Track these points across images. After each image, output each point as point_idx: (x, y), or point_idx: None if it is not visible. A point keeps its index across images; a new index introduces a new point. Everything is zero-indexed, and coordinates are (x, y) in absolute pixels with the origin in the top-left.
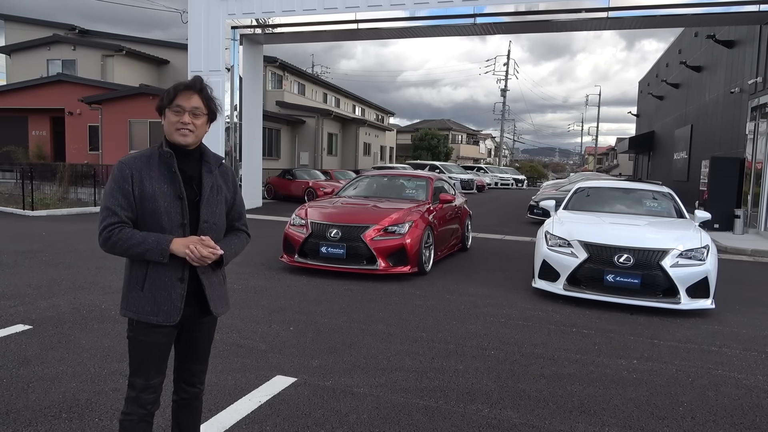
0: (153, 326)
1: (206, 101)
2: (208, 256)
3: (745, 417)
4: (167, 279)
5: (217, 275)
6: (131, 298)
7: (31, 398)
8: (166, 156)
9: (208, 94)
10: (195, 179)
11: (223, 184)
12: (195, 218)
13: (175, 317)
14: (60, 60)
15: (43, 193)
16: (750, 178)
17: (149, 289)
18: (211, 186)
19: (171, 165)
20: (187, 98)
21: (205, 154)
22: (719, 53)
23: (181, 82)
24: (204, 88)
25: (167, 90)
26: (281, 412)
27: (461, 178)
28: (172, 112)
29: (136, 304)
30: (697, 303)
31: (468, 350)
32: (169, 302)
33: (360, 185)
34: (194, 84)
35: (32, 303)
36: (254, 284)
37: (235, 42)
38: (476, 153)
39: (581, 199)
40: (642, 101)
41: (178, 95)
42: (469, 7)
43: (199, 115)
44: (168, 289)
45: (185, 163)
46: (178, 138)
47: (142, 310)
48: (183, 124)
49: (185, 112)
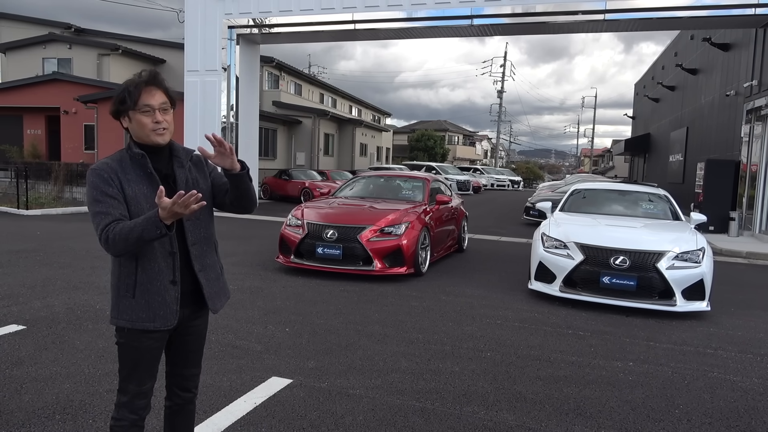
0: (145, 332)
1: (167, 93)
2: (194, 208)
3: (740, 419)
4: (159, 283)
5: (214, 270)
6: (123, 306)
7: (24, 399)
8: (138, 157)
9: (166, 85)
10: (170, 177)
11: (199, 176)
12: None
13: (172, 321)
14: (56, 59)
15: (38, 192)
16: (745, 180)
17: (141, 296)
18: (185, 180)
19: (146, 166)
20: (152, 95)
21: (174, 149)
22: (715, 56)
23: (140, 80)
24: (161, 80)
25: (125, 90)
26: (276, 414)
27: (457, 179)
28: (141, 113)
29: (129, 312)
30: (692, 305)
31: (464, 352)
32: (165, 306)
33: (356, 186)
34: (153, 78)
35: (26, 303)
36: (250, 285)
37: (231, 42)
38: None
39: (577, 201)
40: (638, 103)
41: (142, 94)
42: (466, 9)
43: (168, 109)
44: (161, 294)
45: (157, 162)
46: (157, 139)
47: (137, 318)
48: (157, 123)
49: (155, 110)
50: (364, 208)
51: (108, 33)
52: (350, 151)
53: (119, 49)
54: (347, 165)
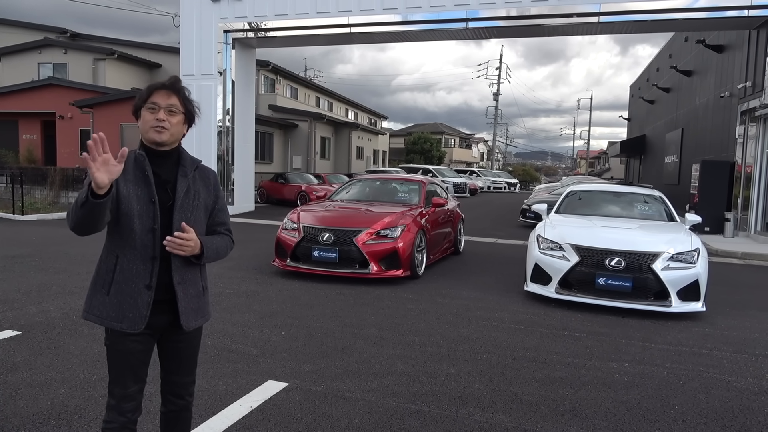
0: (126, 334)
1: (183, 100)
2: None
3: (735, 419)
4: (134, 285)
5: (195, 285)
6: (95, 301)
7: (19, 405)
8: (139, 159)
9: (185, 94)
10: (170, 183)
11: (203, 189)
12: (168, 223)
13: (139, 325)
14: (51, 63)
15: (34, 197)
16: (740, 181)
17: (115, 294)
18: (186, 190)
19: (144, 168)
20: (163, 96)
21: (182, 157)
22: (709, 58)
23: (158, 82)
24: (181, 88)
25: (142, 90)
26: (273, 418)
27: (454, 181)
28: (147, 110)
29: (99, 308)
30: (688, 306)
31: (460, 354)
32: (135, 309)
33: (353, 189)
34: (170, 83)
35: (21, 308)
36: (246, 288)
37: (227, 46)
38: (469, 157)
39: (573, 203)
40: (633, 105)
41: (154, 93)
42: (461, 12)
43: (176, 113)
44: (134, 296)
45: (160, 167)
46: (153, 135)
47: (106, 315)
48: (158, 121)
49: (160, 109)
50: (360, 211)
51: (103, 38)
52: (347, 155)
53: (115, 54)
54: (344, 168)
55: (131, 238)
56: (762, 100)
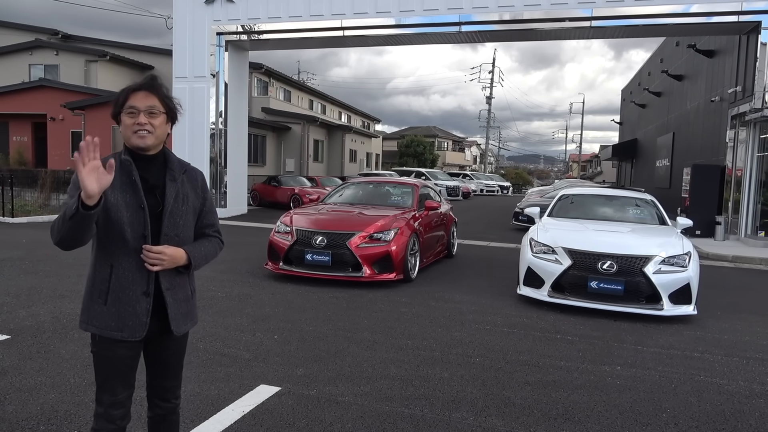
0: (117, 341)
1: (162, 99)
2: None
3: (726, 423)
4: (131, 293)
5: (183, 290)
6: (93, 311)
7: (8, 410)
8: (125, 164)
9: (163, 92)
10: (158, 188)
11: (191, 191)
12: (157, 229)
13: (140, 332)
14: (42, 65)
15: (24, 199)
16: (730, 185)
17: (113, 304)
18: (175, 195)
19: (131, 173)
20: (141, 98)
21: (168, 160)
22: (700, 62)
23: (134, 83)
24: (158, 86)
25: (118, 93)
26: (265, 422)
27: (447, 184)
28: (127, 115)
29: (98, 318)
30: (679, 309)
31: (453, 358)
32: (134, 317)
33: (346, 192)
34: (147, 83)
35: (11, 312)
36: (238, 292)
37: (220, 48)
38: (462, 160)
39: (565, 206)
40: (625, 109)
41: (131, 96)
42: (455, 16)
43: (156, 114)
44: (132, 304)
45: (147, 171)
46: (137, 141)
47: (106, 325)
48: (139, 125)
49: (140, 112)
50: (353, 215)
51: (96, 39)
52: (340, 157)
53: (107, 56)
54: (337, 171)
55: (124, 247)
56: (752, 105)
